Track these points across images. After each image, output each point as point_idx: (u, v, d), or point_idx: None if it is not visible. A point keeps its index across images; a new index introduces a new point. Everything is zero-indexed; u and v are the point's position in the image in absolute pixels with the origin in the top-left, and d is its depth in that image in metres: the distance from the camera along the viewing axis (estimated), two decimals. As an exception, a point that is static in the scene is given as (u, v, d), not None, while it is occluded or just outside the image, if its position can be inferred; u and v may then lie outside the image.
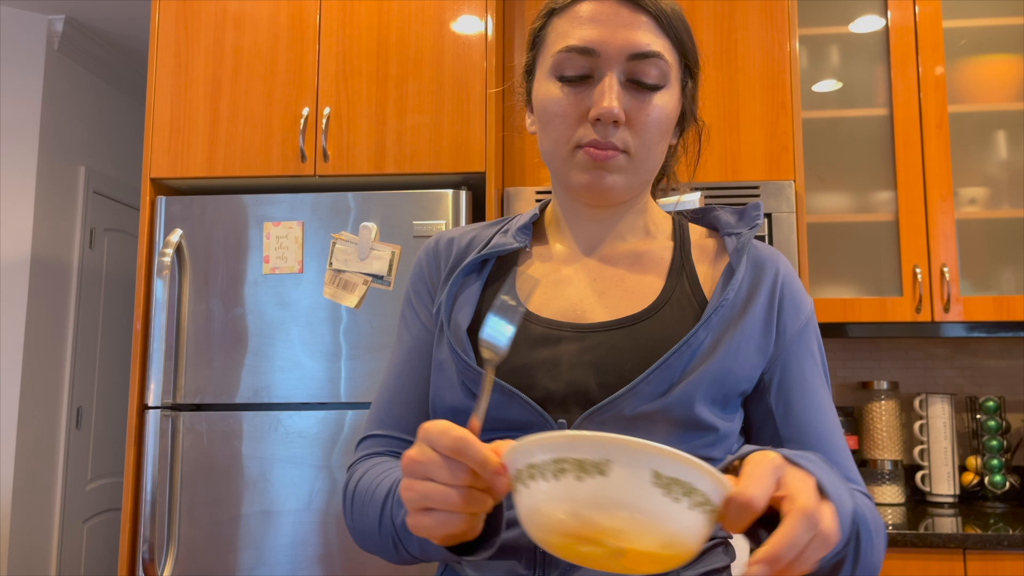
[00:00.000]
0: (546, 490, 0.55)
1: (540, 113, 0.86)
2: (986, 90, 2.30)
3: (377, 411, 0.93)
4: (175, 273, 2.00)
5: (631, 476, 0.52)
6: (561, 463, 0.54)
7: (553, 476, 0.54)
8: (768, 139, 2.10)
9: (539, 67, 0.88)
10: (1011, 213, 2.24)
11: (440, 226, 1.96)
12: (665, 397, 0.77)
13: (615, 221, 0.90)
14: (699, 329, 0.79)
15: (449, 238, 0.96)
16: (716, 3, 2.17)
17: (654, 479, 0.52)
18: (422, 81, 2.07)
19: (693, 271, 0.87)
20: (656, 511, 0.52)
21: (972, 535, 1.82)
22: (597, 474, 0.53)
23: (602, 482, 0.53)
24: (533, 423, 0.80)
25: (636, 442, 0.52)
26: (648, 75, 0.82)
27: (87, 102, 3.50)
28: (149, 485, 1.87)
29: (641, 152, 0.83)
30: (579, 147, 0.83)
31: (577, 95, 0.83)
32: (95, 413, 3.51)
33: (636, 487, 0.52)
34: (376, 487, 0.81)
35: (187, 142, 2.10)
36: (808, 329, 0.86)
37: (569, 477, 0.53)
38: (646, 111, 0.82)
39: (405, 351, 0.93)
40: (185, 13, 2.14)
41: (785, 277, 0.87)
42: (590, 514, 0.53)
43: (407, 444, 0.90)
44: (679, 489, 0.53)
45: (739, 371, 0.81)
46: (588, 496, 0.53)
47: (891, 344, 2.49)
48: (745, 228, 0.88)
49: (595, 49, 0.81)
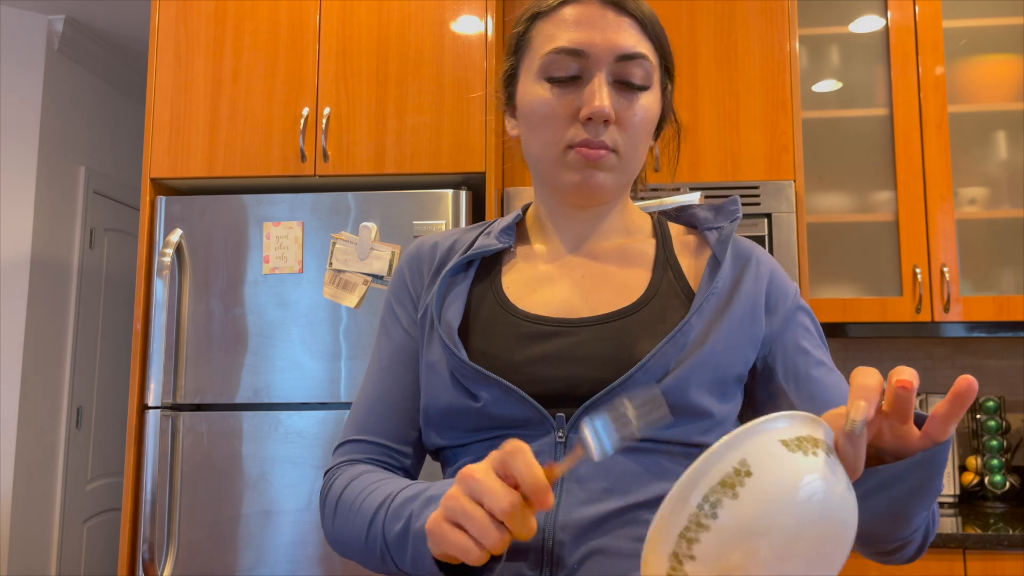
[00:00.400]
0: (720, 532, 0.52)
1: (527, 115, 0.87)
2: (986, 90, 2.30)
3: (356, 417, 0.92)
4: (175, 273, 2.00)
5: (769, 460, 0.52)
6: (707, 498, 0.52)
7: (712, 518, 0.52)
8: (768, 139, 2.10)
9: (524, 71, 0.89)
10: (1011, 213, 2.24)
11: (440, 226, 1.96)
12: (660, 384, 0.78)
13: (599, 220, 0.92)
14: (692, 317, 0.80)
15: (432, 243, 0.97)
16: (716, 3, 2.17)
17: (786, 448, 0.53)
18: (422, 81, 2.07)
19: (677, 265, 0.89)
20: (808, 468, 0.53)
21: (972, 535, 1.82)
22: (746, 477, 0.52)
23: (755, 480, 0.52)
24: (531, 419, 0.80)
25: (744, 428, 0.53)
26: (635, 76, 0.84)
27: (87, 102, 3.50)
28: (149, 485, 1.87)
29: (629, 151, 0.85)
30: (570, 147, 0.84)
31: (566, 96, 0.84)
32: (95, 413, 3.51)
33: (778, 465, 0.52)
34: (365, 498, 0.81)
35: (187, 142, 2.10)
36: (798, 308, 0.89)
37: (727, 502, 0.52)
38: (633, 111, 0.84)
39: (386, 357, 0.93)
40: (185, 13, 2.14)
41: (768, 265, 0.90)
42: (773, 516, 0.52)
43: (387, 450, 0.90)
44: (809, 444, 0.54)
45: (731, 356, 0.82)
46: (754, 502, 0.51)
47: (891, 344, 2.49)
48: (725, 222, 0.90)
49: (584, 50, 0.83)
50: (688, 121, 2.13)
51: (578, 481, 0.77)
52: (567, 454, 0.77)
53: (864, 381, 0.58)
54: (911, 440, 0.63)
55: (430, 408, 0.87)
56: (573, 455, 0.64)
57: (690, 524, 0.52)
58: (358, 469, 0.87)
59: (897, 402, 0.59)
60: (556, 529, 0.75)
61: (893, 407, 0.60)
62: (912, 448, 0.63)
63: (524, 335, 0.84)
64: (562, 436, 0.79)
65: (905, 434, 0.63)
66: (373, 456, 0.90)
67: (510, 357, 0.82)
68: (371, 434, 0.91)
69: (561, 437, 0.79)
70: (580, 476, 0.77)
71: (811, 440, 0.55)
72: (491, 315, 0.87)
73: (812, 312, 0.91)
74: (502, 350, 0.83)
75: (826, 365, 0.87)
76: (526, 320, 0.85)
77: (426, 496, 0.74)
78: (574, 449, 0.64)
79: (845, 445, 0.58)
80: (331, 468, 0.91)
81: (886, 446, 0.64)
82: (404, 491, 0.77)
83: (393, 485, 0.80)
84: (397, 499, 0.77)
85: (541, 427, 0.80)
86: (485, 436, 0.83)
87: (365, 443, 0.90)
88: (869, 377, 0.58)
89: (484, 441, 0.83)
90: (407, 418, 0.90)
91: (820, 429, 0.57)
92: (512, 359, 0.82)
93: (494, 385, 0.81)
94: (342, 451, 0.92)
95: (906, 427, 0.62)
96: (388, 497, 0.78)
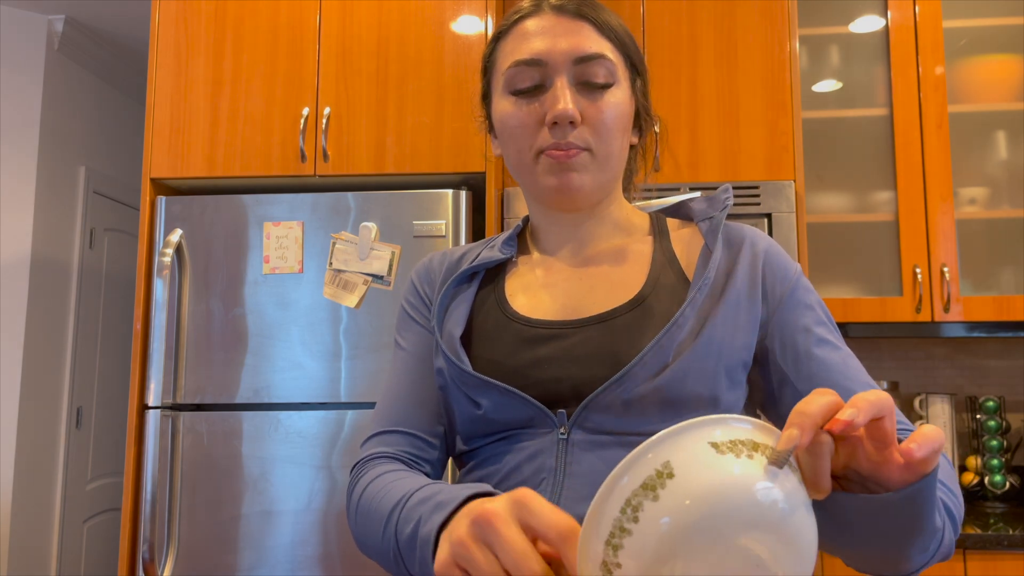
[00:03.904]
0: (643, 537, 0.49)
1: (500, 130, 0.90)
2: (986, 90, 2.30)
3: (382, 411, 0.94)
4: (175, 273, 2.00)
5: (693, 461, 0.49)
6: (629, 502, 0.50)
7: (633, 522, 0.49)
8: (768, 139, 2.10)
9: (494, 89, 0.92)
10: (1011, 213, 2.24)
11: (440, 226, 1.96)
12: (659, 377, 0.79)
13: (591, 223, 0.93)
14: (685, 309, 0.81)
15: (442, 255, 1.00)
16: (716, 3, 2.17)
17: (715, 450, 0.50)
18: (422, 81, 2.07)
19: (674, 259, 0.89)
20: (738, 472, 0.49)
21: (972, 535, 1.82)
22: (668, 479, 0.49)
23: (676, 482, 0.49)
24: (534, 418, 0.82)
25: (671, 430, 0.50)
26: (597, 75, 0.86)
27: (87, 102, 3.49)
28: (149, 485, 1.87)
29: (602, 148, 0.86)
30: (541, 152, 0.86)
31: (531, 105, 0.86)
32: (95, 413, 3.51)
33: (703, 466, 0.49)
34: (383, 497, 0.81)
35: (187, 142, 2.10)
36: (799, 287, 0.87)
37: (648, 505, 0.49)
38: (599, 107, 0.85)
39: (405, 359, 0.96)
40: (185, 13, 2.14)
41: (763, 247, 0.88)
42: (689, 515, 0.48)
43: (416, 439, 0.91)
44: (745, 448, 0.50)
45: (731, 343, 0.82)
46: (674, 503, 0.49)
47: (891, 344, 2.49)
48: (716, 211, 0.90)
49: (542, 59, 0.85)
50: (688, 121, 2.13)
51: (577, 475, 0.78)
52: (569, 450, 0.78)
53: (804, 407, 0.52)
54: (891, 468, 0.57)
55: (449, 414, 0.91)
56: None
57: (614, 530, 0.50)
58: (382, 467, 0.88)
59: (872, 430, 0.55)
60: None
61: (868, 433, 0.55)
62: (892, 478, 0.57)
63: (525, 339, 0.85)
64: (564, 432, 0.80)
65: (885, 461, 0.57)
66: (402, 447, 0.91)
67: (511, 361, 0.84)
68: (400, 424, 0.92)
69: (563, 433, 0.80)
70: (579, 471, 0.78)
71: (749, 444, 0.51)
72: (493, 322, 0.89)
73: (815, 291, 0.89)
74: (504, 355, 0.85)
75: (829, 343, 0.84)
76: (526, 325, 0.87)
77: (436, 501, 0.73)
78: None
79: (802, 457, 0.54)
80: (358, 463, 0.91)
81: (864, 472, 0.58)
82: (418, 492, 0.76)
83: (409, 484, 0.79)
84: (411, 501, 0.76)
85: (544, 425, 0.81)
86: (491, 439, 0.85)
87: (394, 433, 0.92)
88: (812, 403, 0.52)
89: (490, 444, 0.86)
90: (432, 411, 0.92)
91: (769, 436, 0.52)
92: (513, 363, 0.84)
93: (493, 391, 0.83)
94: (371, 443, 0.92)
95: (887, 453, 0.56)
96: (403, 498, 0.78)
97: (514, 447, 0.83)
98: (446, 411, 0.91)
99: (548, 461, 0.80)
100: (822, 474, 0.53)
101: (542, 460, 0.80)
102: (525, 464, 0.81)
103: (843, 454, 0.58)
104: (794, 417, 0.52)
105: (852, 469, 0.59)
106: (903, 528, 0.60)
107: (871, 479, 0.59)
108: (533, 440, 0.82)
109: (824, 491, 0.54)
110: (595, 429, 0.79)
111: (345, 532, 1.89)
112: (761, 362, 0.86)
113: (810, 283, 0.89)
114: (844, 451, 0.58)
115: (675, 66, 2.15)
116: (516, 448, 0.82)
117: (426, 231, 1.96)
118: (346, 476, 1.91)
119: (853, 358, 0.84)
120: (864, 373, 0.84)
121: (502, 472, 0.83)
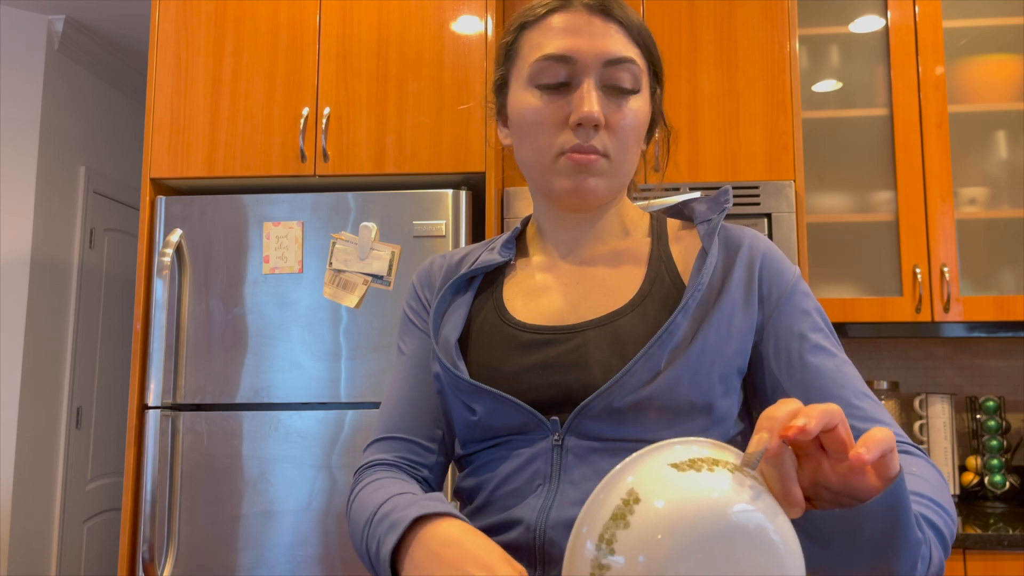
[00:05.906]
0: (625, 562, 0.50)
1: (518, 123, 0.88)
2: (986, 90, 2.30)
3: (384, 417, 0.95)
4: (175, 273, 2.00)
5: (655, 483, 0.50)
6: (602, 536, 0.50)
7: (610, 554, 0.50)
8: (768, 139, 2.10)
9: (514, 79, 0.90)
10: (1011, 213, 2.24)
11: (440, 226, 1.96)
12: (652, 385, 0.78)
13: (593, 224, 0.92)
14: (677, 315, 0.80)
15: (442, 259, 1.00)
16: (716, 3, 2.17)
17: (675, 470, 0.51)
18: (422, 81, 2.07)
19: (671, 261, 0.88)
20: (699, 487, 0.51)
21: (972, 535, 1.82)
22: (635, 504, 0.50)
23: (642, 506, 0.50)
24: (528, 424, 0.81)
25: (630, 458, 0.51)
26: (623, 80, 0.85)
27: (87, 102, 3.49)
28: (149, 485, 1.87)
29: (619, 155, 0.86)
30: (561, 153, 0.85)
31: (556, 102, 0.85)
32: (95, 413, 3.51)
33: (665, 486, 0.50)
34: (362, 509, 0.83)
35: (187, 142, 2.10)
36: (796, 291, 0.86)
37: (621, 535, 0.50)
38: (623, 115, 0.85)
39: (407, 359, 0.96)
40: (185, 13, 2.14)
41: (761, 250, 0.87)
42: (662, 533, 0.50)
43: (414, 445, 0.92)
44: (706, 464, 0.52)
45: (725, 349, 0.81)
46: (645, 526, 0.50)
47: (891, 344, 2.49)
48: (715, 213, 0.89)
49: (572, 56, 0.84)
50: (688, 121, 2.13)
51: (571, 482, 0.78)
52: (563, 456, 0.78)
53: (773, 412, 0.53)
54: (857, 478, 0.57)
55: (447, 418, 0.91)
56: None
57: (593, 571, 0.50)
58: (374, 475, 0.89)
59: (826, 441, 0.55)
60: (548, 528, 0.76)
61: (824, 443, 0.56)
62: (861, 487, 0.57)
63: (520, 345, 0.85)
64: (558, 439, 0.80)
65: (850, 471, 0.57)
66: (400, 453, 0.92)
67: (506, 367, 0.84)
68: (398, 431, 0.93)
69: (557, 440, 0.80)
70: (573, 477, 0.78)
71: (709, 461, 0.52)
72: (490, 327, 0.88)
73: (814, 296, 0.88)
74: (499, 361, 0.85)
75: (825, 350, 0.82)
76: (522, 330, 0.86)
77: (390, 521, 0.75)
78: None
79: (766, 471, 0.54)
80: (359, 469, 0.93)
81: (834, 486, 0.58)
82: (383, 507, 0.78)
83: (380, 496, 0.81)
84: (376, 517, 0.78)
85: (538, 432, 0.81)
86: (487, 445, 0.85)
87: (392, 440, 0.92)
88: (781, 408, 0.54)
89: (486, 450, 0.86)
90: (431, 416, 0.93)
91: (728, 453, 0.54)
92: (508, 369, 0.84)
93: (488, 396, 0.82)
94: (371, 450, 0.94)
95: (848, 464, 0.56)
96: (372, 513, 0.80)
97: (509, 453, 0.83)
98: (445, 416, 0.92)
99: (543, 467, 0.80)
100: (790, 484, 0.54)
101: (537, 466, 0.80)
102: (520, 470, 0.81)
103: (808, 469, 0.59)
104: (763, 422, 0.53)
105: (823, 487, 0.59)
106: (881, 541, 0.60)
107: (843, 493, 0.59)
108: (528, 446, 0.81)
109: (796, 503, 0.54)
110: (589, 436, 0.79)
111: (345, 532, 1.89)
112: (756, 367, 0.85)
113: (809, 288, 0.87)
114: (808, 466, 0.59)
115: (675, 66, 2.15)
116: (511, 454, 0.82)
117: (426, 231, 1.96)
118: (346, 476, 1.91)
119: (849, 365, 0.83)
120: (859, 381, 0.82)
121: (497, 478, 0.83)
